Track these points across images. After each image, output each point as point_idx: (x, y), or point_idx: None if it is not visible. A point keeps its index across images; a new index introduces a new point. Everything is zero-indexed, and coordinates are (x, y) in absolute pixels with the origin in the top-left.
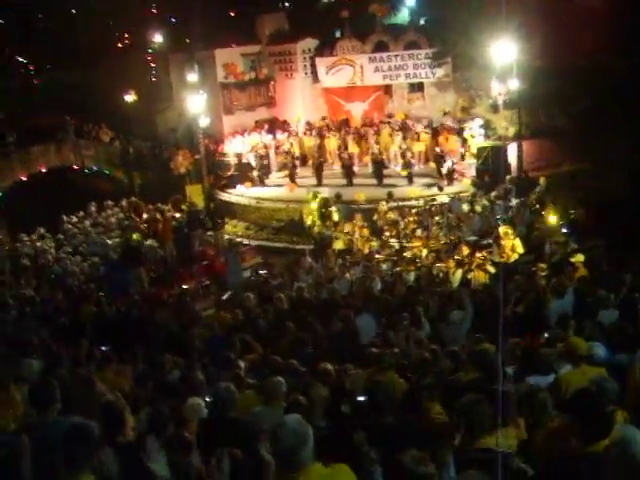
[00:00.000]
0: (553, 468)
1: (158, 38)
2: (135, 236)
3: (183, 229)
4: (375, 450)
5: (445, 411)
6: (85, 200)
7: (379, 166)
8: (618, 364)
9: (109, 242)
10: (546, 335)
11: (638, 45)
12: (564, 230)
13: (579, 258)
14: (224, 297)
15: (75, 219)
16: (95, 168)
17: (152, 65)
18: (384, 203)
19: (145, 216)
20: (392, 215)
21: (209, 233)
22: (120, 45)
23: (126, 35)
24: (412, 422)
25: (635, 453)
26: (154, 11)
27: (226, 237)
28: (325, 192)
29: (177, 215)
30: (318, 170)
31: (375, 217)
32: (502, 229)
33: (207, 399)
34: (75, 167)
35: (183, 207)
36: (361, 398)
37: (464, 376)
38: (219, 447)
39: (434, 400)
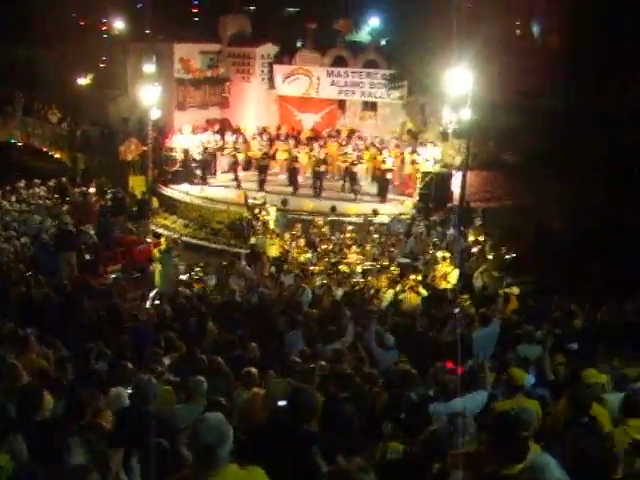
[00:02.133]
0: None
1: (118, 24)
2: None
3: (106, 214)
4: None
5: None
6: (24, 178)
7: (320, 179)
8: (541, 397)
9: (41, 223)
10: (469, 363)
11: (586, 87)
12: (501, 263)
13: (514, 290)
14: (152, 293)
15: None
16: (39, 147)
17: (109, 51)
18: (320, 218)
19: (68, 198)
20: (326, 229)
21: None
22: (79, 25)
23: (85, 16)
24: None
25: (547, 478)
26: None
27: (168, 233)
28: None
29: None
30: (261, 175)
31: (311, 229)
32: (439, 254)
33: (128, 390)
34: (19, 144)
35: (107, 192)
36: (281, 403)
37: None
38: (134, 438)
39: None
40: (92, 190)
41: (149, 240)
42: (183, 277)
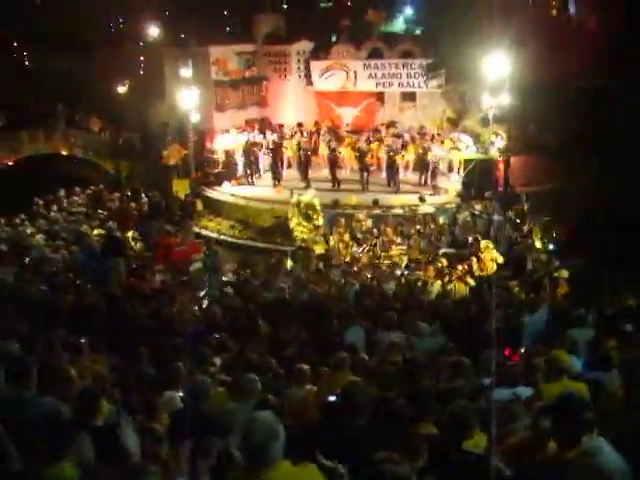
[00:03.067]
0: (525, 471)
1: (153, 30)
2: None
3: (145, 218)
4: (342, 463)
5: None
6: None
7: (366, 171)
8: (594, 380)
9: (89, 231)
10: (522, 350)
11: (628, 68)
12: (550, 247)
13: (563, 274)
14: (202, 294)
15: (42, 202)
16: (83, 156)
17: (145, 58)
18: (362, 212)
19: (108, 205)
20: (368, 223)
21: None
22: (114, 35)
23: (121, 25)
24: (383, 426)
25: (602, 463)
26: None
27: (211, 235)
28: (310, 194)
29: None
30: (305, 171)
31: (354, 224)
32: (483, 243)
33: (181, 394)
34: (63, 153)
35: (142, 196)
36: (332, 398)
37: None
38: (189, 439)
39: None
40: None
41: (190, 242)
42: (229, 277)
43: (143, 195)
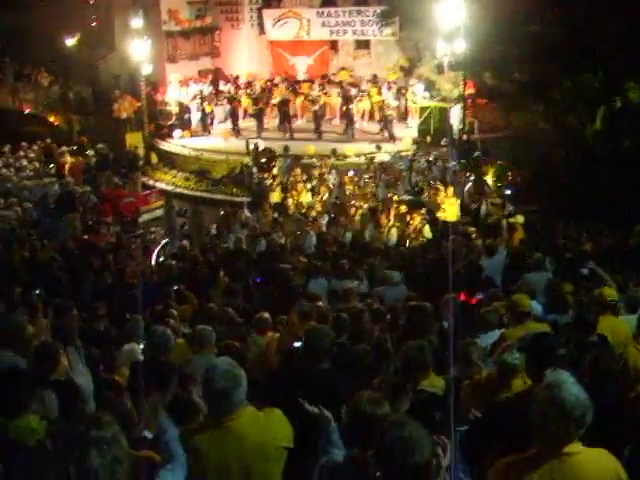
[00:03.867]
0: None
1: None
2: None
3: (91, 171)
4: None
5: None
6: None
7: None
8: (552, 322)
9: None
10: (480, 295)
11: (584, 16)
12: (507, 192)
13: (519, 219)
14: (159, 247)
15: None
16: (32, 111)
17: (95, 9)
18: (324, 162)
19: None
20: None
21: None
22: None
23: None
24: (348, 368)
25: (562, 395)
26: None
27: (166, 187)
28: (262, 144)
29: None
30: (259, 120)
31: (315, 172)
32: (440, 189)
33: (142, 346)
34: (11, 108)
35: (87, 149)
36: (297, 344)
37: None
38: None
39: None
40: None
41: (138, 193)
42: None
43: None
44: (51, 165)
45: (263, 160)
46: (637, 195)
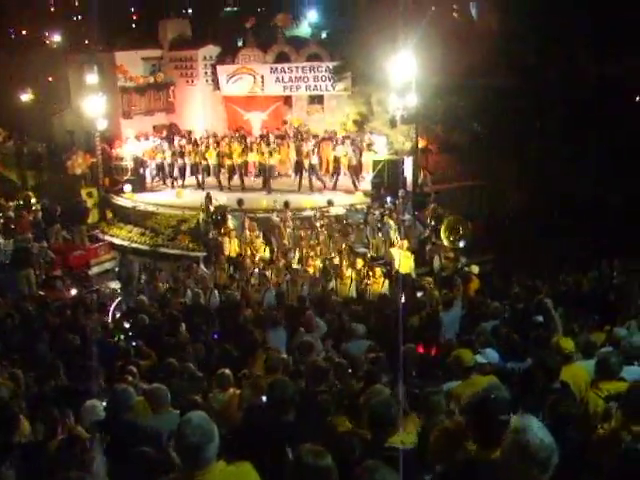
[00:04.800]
0: (450, 470)
1: (57, 37)
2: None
3: (40, 224)
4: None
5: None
6: None
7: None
8: (510, 371)
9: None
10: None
11: (530, 67)
12: (460, 244)
13: (473, 269)
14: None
15: None
16: None
17: (49, 64)
18: (275, 215)
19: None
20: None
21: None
22: (16, 41)
23: (24, 31)
24: (312, 420)
25: (527, 439)
26: (53, 9)
27: (123, 242)
28: (222, 198)
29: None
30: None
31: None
32: (396, 242)
33: (103, 403)
34: None
35: (33, 203)
36: (264, 398)
37: (356, 385)
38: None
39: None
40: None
41: (88, 247)
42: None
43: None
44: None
45: (217, 217)
46: (593, 241)
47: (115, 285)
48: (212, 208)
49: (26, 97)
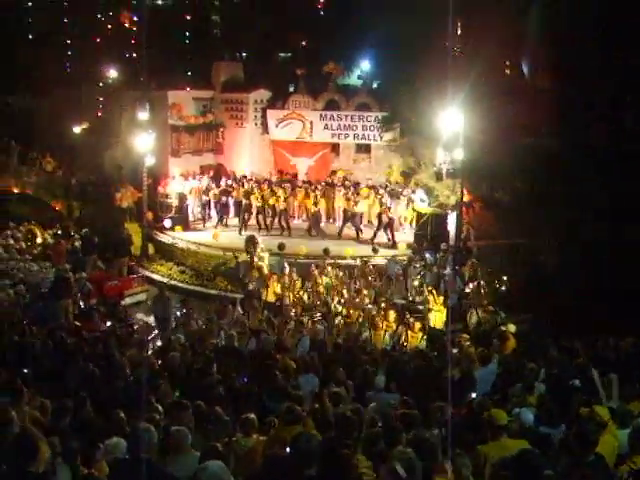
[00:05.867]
0: None
1: (112, 73)
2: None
3: (77, 253)
4: None
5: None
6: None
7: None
8: (543, 436)
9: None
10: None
11: (577, 128)
12: (502, 288)
13: (510, 328)
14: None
15: None
16: (33, 195)
17: (103, 99)
18: (314, 267)
19: (39, 240)
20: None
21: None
22: (73, 75)
23: (80, 66)
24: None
25: None
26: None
27: (162, 279)
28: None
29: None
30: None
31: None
32: (432, 296)
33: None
34: (15, 191)
35: (72, 232)
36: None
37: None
38: None
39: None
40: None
41: (122, 277)
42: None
43: (74, 233)
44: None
45: (250, 248)
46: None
47: (149, 319)
48: (258, 250)
49: (78, 129)
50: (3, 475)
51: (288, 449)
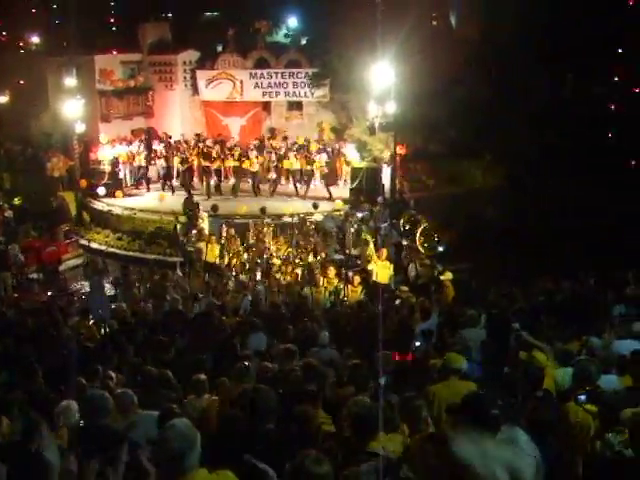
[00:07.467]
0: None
1: (35, 39)
2: None
3: (9, 224)
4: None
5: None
6: None
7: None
8: (487, 379)
9: None
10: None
11: (502, 77)
12: (439, 249)
13: (447, 276)
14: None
15: None
16: None
17: (27, 67)
18: (259, 222)
19: None
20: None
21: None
22: None
23: (3, 32)
24: (293, 428)
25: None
26: (33, 10)
27: (99, 247)
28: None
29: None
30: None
31: (250, 233)
32: (370, 250)
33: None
34: None
35: (2, 202)
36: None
37: (342, 391)
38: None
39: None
40: None
41: (58, 243)
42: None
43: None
44: None
45: (189, 210)
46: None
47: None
48: (200, 212)
49: (2, 99)
50: None
51: (244, 407)
